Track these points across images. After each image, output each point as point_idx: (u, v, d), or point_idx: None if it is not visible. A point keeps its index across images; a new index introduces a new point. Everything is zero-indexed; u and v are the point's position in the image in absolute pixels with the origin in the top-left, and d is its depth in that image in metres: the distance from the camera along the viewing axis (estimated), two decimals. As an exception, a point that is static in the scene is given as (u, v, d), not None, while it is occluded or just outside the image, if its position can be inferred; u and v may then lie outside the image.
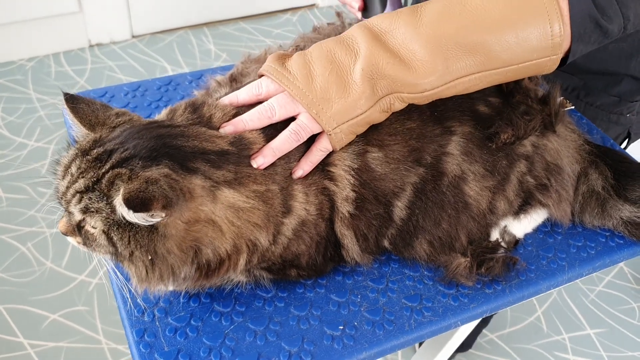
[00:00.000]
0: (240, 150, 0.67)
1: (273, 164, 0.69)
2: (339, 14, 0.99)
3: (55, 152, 2.22)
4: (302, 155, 0.71)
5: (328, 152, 0.71)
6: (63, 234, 0.66)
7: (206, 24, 2.98)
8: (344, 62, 0.70)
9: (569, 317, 1.95)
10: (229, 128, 0.69)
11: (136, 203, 0.56)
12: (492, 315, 1.51)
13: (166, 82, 1.00)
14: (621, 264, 2.14)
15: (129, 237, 0.61)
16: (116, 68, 2.67)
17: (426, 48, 0.68)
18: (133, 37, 2.85)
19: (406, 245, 0.76)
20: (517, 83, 0.82)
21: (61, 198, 0.64)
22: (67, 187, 0.63)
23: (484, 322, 1.60)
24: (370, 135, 0.73)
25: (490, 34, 0.68)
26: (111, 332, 1.80)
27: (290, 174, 0.70)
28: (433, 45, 0.68)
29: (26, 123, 2.41)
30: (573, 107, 1.05)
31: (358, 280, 0.76)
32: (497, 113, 0.79)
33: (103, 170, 0.61)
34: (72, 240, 0.66)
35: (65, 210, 0.65)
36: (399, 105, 0.71)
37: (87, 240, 0.64)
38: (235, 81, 0.90)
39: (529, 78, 0.83)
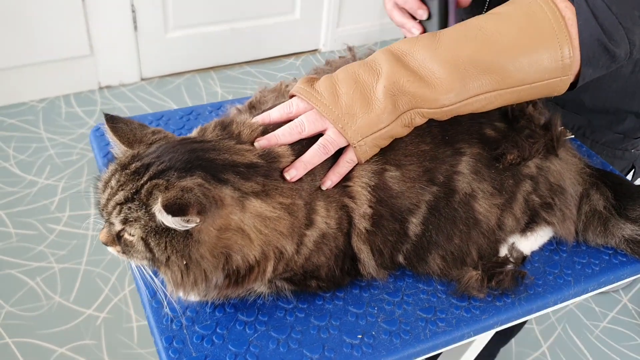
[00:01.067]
0: (269, 163, 0.72)
1: (300, 180, 0.73)
2: (350, 49, 1.05)
3: (65, 188, 2.27)
4: (327, 172, 0.75)
5: (354, 164, 0.76)
6: (104, 243, 0.70)
7: (213, 68, 3.07)
8: (367, 81, 0.76)
9: (574, 353, 1.97)
10: (263, 142, 0.74)
11: (174, 208, 0.60)
12: (513, 331, 1.52)
13: (188, 112, 1.06)
14: (625, 301, 2.16)
15: (166, 242, 0.65)
16: (125, 109, 2.75)
17: (444, 67, 0.74)
18: (142, 79, 2.94)
19: (420, 261, 0.80)
20: (521, 110, 0.87)
21: (102, 210, 0.69)
22: (108, 200, 0.68)
23: (504, 338, 1.60)
24: (388, 156, 0.78)
25: (504, 56, 0.74)
26: (119, 366, 1.81)
27: (316, 189, 0.74)
28: (450, 65, 0.74)
29: (36, 161, 2.47)
30: (573, 137, 1.10)
31: (374, 294, 0.79)
32: (503, 136, 0.83)
33: (141, 182, 0.66)
34: (112, 250, 0.70)
35: (106, 222, 0.69)
36: (419, 120, 0.77)
37: (126, 247, 0.68)
38: (254, 108, 0.96)
39: (533, 105, 0.89)
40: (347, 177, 0.76)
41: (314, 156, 0.75)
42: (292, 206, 0.71)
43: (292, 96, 0.80)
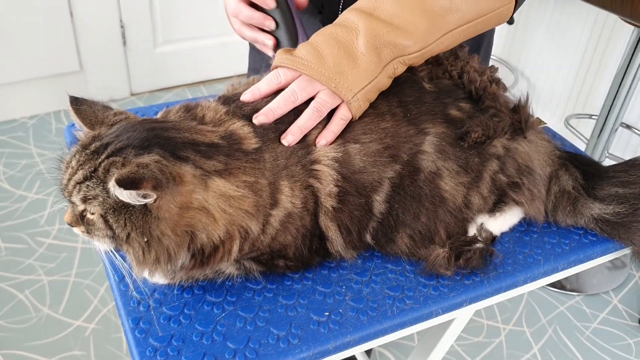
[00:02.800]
0: (230, 144, 0.73)
1: (262, 160, 0.74)
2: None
3: (55, 202, 2.27)
4: (292, 154, 0.76)
5: (348, 120, 0.79)
6: (68, 224, 0.71)
7: (203, 82, 3.10)
8: (348, 38, 0.80)
9: (565, 354, 1.96)
10: (261, 118, 0.77)
11: (127, 182, 0.61)
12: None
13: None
14: (615, 302, 2.15)
15: (125, 219, 0.65)
16: (115, 123, 2.76)
17: (414, 13, 0.80)
18: (132, 94, 2.96)
19: (388, 240, 0.81)
20: (485, 89, 0.88)
21: (64, 190, 0.70)
22: (69, 180, 0.68)
23: None
24: (347, 135, 0.79)
25: None
26: (107, 375, 1.80)
27: (280, 169, 0.74)
28: (419, 9, 0.81)
29: (26, 177, 2.48)
30: (547, 125, 1.11)
31: (343, 274, 0.80)
32: (468, 117, 0.84)
33: (99, 160, 0.67)
34: (77, 230, 0.71)
35: (69, 202, 0.69)
36: (401, 69, 0.83)
37: (89, 227, 0.68)
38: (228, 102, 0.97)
39: (497, 83, 0.90)
40: (313, 160, 0.77)
41: (308, 120, 0.77)
42: (256, 184, 0.72)
43: (274, 68, 0.82)
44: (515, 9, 0.89)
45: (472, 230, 0.84)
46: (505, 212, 0.86)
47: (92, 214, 0.67)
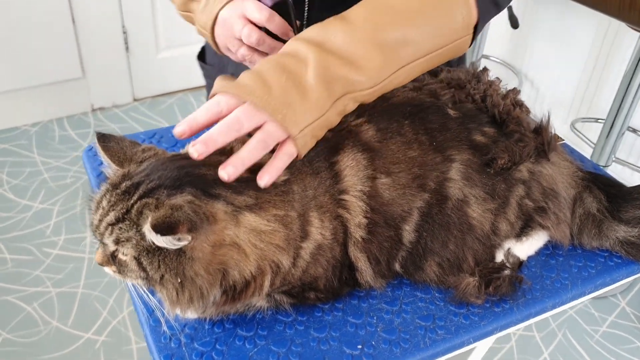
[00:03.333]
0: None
1: (291, 192, 0.73)
2: None
3: (60, 212, 2.27)
4: (320, 184, 0.76)
5: (293, 157, 0.72)
6: (99, 264, 0.70)
7: (205, 86, 3.08)
8: (297, 69, 0.73)
9: (575, 358, 1.96)
10: (199, 147, 0.67)
11: (163, 227, 0.61)
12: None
13: None
14: (623, 304, 2.16)
15: (159, 261, 0.65)
16: (119, 130, 2.75)
17: (367, 47, 0.75)
18: (135, 100, 2.95)
19: (417, 268, 0.81)
20: (508, 112, 0.88)
21: (95, 231, 0.69)
22: (100, 220, 0.68)
23: None
24: (377, 164, 0.78)
25: (416, 25, 0.78)
26: (119, 388, 1.80)
27: (308, 200, 0.74)
28: (372, 43, 0.75)
29: (30, 186, 2.47)
30: (565, 142, 1.11)
31: (373, 304, 0.79)
32: (493, 141, 0.84)
33: (131, 201, 0.66)
34: (108, 270, 0.70)
35: (100, 242, 0.69)
36: (352, 106, 0.77)
37: (121, 267, 0.68)
38: None
39: (520, 107, 0.89)
40: (341, 189, 0.77)
41: (252, 151, 0.69)
42: (286, 218, 0.71)
43: (213, 95, 0.74)
44: (473, 40, 0.85)
45: (499, 256, 0.84)
46: (531, 236, 0.86)
47: (125, 255, 0.67)
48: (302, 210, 0.74)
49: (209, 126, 0.71)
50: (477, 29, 0.83)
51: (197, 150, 0.67)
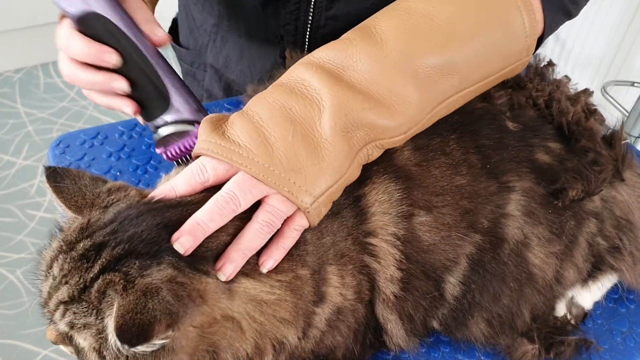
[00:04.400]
0: None
1: (302, 244, 0.56)
2: None
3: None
4: (341, 227, 0.58)
5: (303, 230, 0.56)
6: (53, 343, 0.54)
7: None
8: (307, 117, 0.55)
9: None
10: (184, 240, 0.50)
11: (132, 334, 0.44)
12: None
13: (130, 127, 0.87)
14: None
15: (127, 357, 0.48)
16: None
17: (399, 79, 0.57)
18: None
19: (459, 325, 0.64)
20: (578, 123, 0.70)
21: (43, 306, 0.52)
22: (49, 294, 0.51)
23: None
24: (415, 195, 0.61)
25: (466, 49, 0.59)
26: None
27: (325, 249, 0.57)
28: (409, 74, 0.57)
29: (14, 139, 2.29)
30: (627, 141, 0.92)
31: (404, 372, 0.63)
32: (560, 162, 0.66)
33: (91, 274, 0.49)
34: (65, 349, 0.54)
35: (49, 321, 0.52)
36: (376, 154, 0.59)
37: (79, 353, 0.51)
38: None
39: (594, 117, 0.71)
40: (368, 231, 0.59)
41: (255, 239, 0.53)
42: (295, 281, 0.54)
43: (198, 156, 0.57)
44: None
45: (561, 307, 0.68)
46: (599, 280, 0.69)
47: (83, 341, 0.50)
48: (317, 265, 0.57)
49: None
50: (539, 44, 0.65)
51: (183, 245, 0.50)
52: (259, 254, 0.54)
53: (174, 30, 1.11)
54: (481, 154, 0.64)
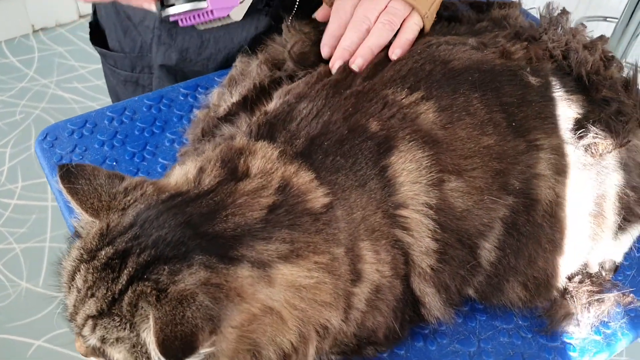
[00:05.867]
0: (291, 206, 0.52)
1: (334, 221, 0.53)
2: None
3: (14, 155, 1.97)
4: (370, 200, 0.56)
5: (419, 29, 0.71)
6: (83, 356, 0.51)
7: None
8: None
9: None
10: (337, 63, 0.68)
11: (177, 349, 0.41)
12: None
13: (156, 99, 0.82)
14: None
15: None
16: (67, 54, 2.43)
17: None
18: (80, 17, 2.60)
19: (495, 291, 0.63)
20: (597, 72, 0.67)
21: (70, 320, 0.48)
22: (76, 307, 0.47)
23: None
24: (443, 160, 0.58)
25: None
26: (105, 354, 1.64)
27: (356, 225, 0.54)
28: None
29: (-25, 125, 2.18)
30: None
31: (443, 345, 0.62)
32: (585, 115, 0.64)
33: (119, 285, 0.46)
34: None
35: (78, 335, 0.49)
36: None
37: None
38: (235, 82, 0.75)
39: (613, 65, 0.68)
40: (398, 203, 0.56)
41: (379, 36, 0.69)
42: (332, 262, 0.52)
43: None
44: None
45: (594, 264, 0.66)
46: (628, 231, 0.68)
47: (117, 355, 0.46)
48: (350, 241, 0.54)
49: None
50: None
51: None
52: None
53: (95, 35, 0.99)
54: (506, 112, 0.62)
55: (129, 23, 0.91)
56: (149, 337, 0.43)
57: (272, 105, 0.64)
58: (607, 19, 2.23)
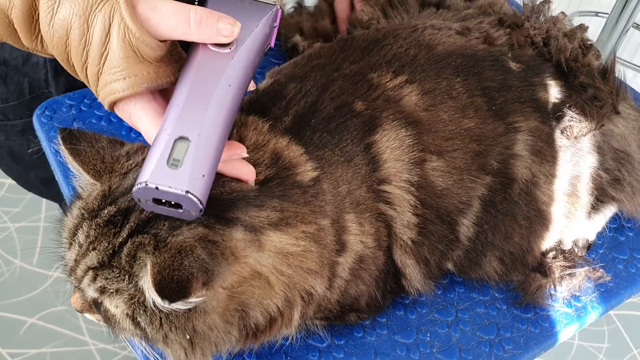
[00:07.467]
0: (283, 178, 0.55)
1: (321, 193, 0.56)
2: None
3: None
4: (355, 175, 0.58)
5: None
6: (78, 311, 0.53)
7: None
8: None
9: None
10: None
11: (172, 290, 0.44)
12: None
13: None
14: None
15: (161, 319, 0.48)
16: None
17: None
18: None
19: (473, 265, 0.66)
20: (576, 59, 0.70)
21: (70, 274, 0.51)
22: (76, 261, 0.50)
23: None
24: (425, 140, 0.61)
25: None
26: (97, 331, 1.67)
27: (342, 198, 0.57)
28: None
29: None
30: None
31: (422, 314, 0.65)
32: (561, 100, 0.67)
33: (120, 239, 0.48)
34: (91, 317, 0.53)
35: (76, 288, 0.51)
36: None
37: (108, 320, 0.51)
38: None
39: (591, 53, 0.71)
40: (382, 178, 0.59)
41: None
42: (318, 232, 0.55)
43: None
44: None
45: (568, 240, 0.70)
46: (601, 211, 0.72)
47: (114, 308, 0.49)
48: (335, 213, 0.57)
49: None
50: None
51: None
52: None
53: None
54: (486, 96, 0.64)
55: (5, 69, 0.82)
56: (147, 283, 0.46)
57: (263, 83, 0.66)
58: (599, 14, 2.26)
